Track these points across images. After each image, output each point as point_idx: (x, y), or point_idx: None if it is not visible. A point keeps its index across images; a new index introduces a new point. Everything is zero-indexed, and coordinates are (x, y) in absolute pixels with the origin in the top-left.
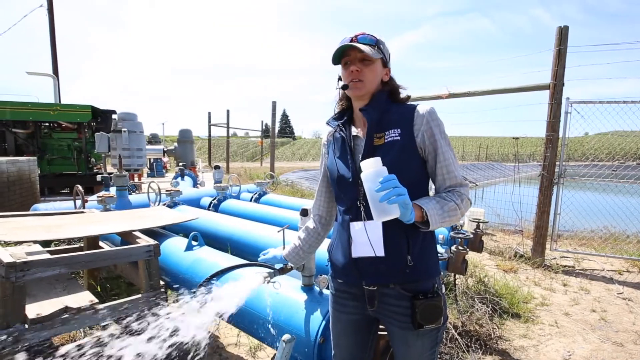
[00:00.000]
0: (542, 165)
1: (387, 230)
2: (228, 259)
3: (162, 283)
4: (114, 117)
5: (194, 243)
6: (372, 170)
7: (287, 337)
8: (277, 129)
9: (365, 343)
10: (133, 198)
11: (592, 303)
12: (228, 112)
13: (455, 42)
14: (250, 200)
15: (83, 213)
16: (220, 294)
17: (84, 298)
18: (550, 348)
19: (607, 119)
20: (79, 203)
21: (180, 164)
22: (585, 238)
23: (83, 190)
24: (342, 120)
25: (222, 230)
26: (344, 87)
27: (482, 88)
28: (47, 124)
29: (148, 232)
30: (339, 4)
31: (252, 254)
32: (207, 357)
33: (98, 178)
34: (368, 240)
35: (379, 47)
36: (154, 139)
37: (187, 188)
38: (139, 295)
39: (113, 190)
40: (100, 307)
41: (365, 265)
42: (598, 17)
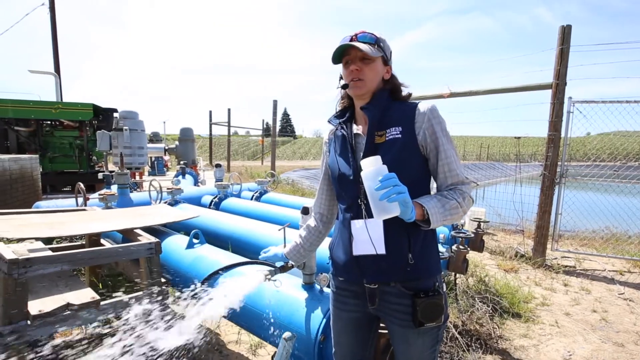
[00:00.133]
0: (543, 165)
1: (388, 228)
2: (229, 257)
3: (163, 280)
4: (116, 115)
5: (195, 241)
6: (372, 169)
7: (287, 334)
8: (278, 128)
9: (366, 341)
10: (134, 196)
11: (593, 303)
12: (229, 110)
13: (457, 41)
14: (251, 199)
15: (85, 211)
16: (221, 292)
17: (86, 295)
18: (551, 348)
19: (609, 119)
20: (81, 201)
21: (182, 163)
22: (587, 238)
23: (85, 188)
24: (343, 118)
25: (223, 229)
26: (344, 86)
27: (483, 87)
28: (49, 122)
29: (149, 229)
30: (340, 4)
31: (253, 252)
32: (207, 354)
33: (99, 176)
34: (369, 238)
35: (379, 45)
36: (155, 138)
37: (188, 186)
38: (140, 293)
39: (114, 188)
40: (102, 304)
41: (367, 263)
42: (601, 16)
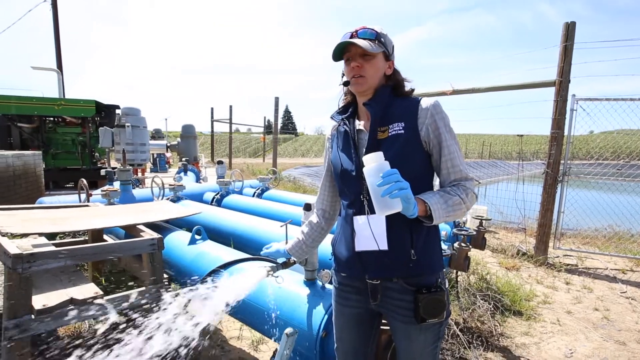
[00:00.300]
0: (546, 163)
1: (390, 224)
2: (231, 253)
3: (165, 276)
4: (118, 112)
5: (198, 237)
6: (374, 165)
7: (289, 330)
8: (279, 125)
9: (368, 337)
10: (137, 192)
11: (594, 302)
12: (231, 107)
13: (460, 38)
14: (253, 196)
15: (87, 207)
16: (223, 288)
17: (89, 290)
18: (552, 346)
19: (613, 117)
20: (84, 197)
21: (183, 159)
22: (589, 237)
23: (87, 184)
24: (346, 114)
25: (225, 225)
26: (346, 83)
27: (486, 84)
28: (51, 119)
29: (152, 225)
30: (340, 4)
31: (254, 249)
32: (209, 350)
33: (102, 172)
34: (371, 234)
35: (380, 40)
36: (157, 134)
37: (190, 183)
38: (143, 288)
39: (117, 185)
40: (105, 299)
41: (369, 259)
42: (605, 13)
